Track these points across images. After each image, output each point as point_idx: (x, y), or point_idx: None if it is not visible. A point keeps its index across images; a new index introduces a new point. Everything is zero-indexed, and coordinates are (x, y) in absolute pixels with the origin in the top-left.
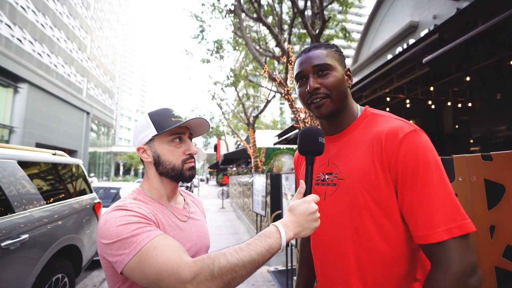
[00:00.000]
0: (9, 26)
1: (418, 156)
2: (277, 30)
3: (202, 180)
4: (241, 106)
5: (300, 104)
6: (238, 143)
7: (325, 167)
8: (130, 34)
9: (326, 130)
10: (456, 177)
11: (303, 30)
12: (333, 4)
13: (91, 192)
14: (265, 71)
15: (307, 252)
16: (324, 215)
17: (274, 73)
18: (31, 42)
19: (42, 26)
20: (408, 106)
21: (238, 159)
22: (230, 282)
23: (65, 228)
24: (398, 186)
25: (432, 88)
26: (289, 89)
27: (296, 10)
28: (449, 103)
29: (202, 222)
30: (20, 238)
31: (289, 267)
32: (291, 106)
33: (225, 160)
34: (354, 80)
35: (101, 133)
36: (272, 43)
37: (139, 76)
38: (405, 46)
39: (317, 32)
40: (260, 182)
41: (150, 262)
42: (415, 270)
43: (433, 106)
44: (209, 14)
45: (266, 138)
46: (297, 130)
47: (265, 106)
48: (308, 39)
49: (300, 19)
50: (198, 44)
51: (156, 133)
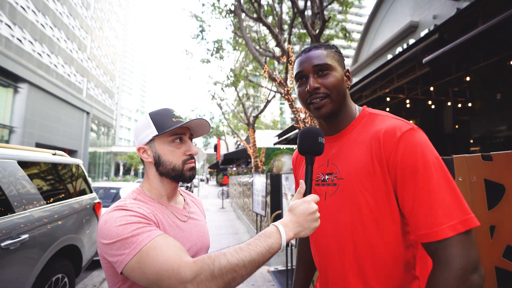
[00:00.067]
0: (9, 26)
1: (416, 154)
2: (277, 30)
3: (202, 180)
4: (241, 106)
5: (300, 104)
6: (238, 143)
7: (324, 167)
8: (130, 34)
9: (325, 131)
10: (456, 177)
11: (303, 30)
12: (333, 4)
13: (91, 192)
14: (265, 71)
15: (305, 252)
16: (324, 215)
17: (274, 73)
18: (31, 42)
19: (42, 26)
20: (408, 106)
21: (238, 159)
22: (231, 282)
23: (65, 228)
24: (398, 185)
25: (432, 88)
26: (289, 89)
27: (296, 10)
28: (449, 103)
29: (202, 222)
30: (20, 238)
31: (289, 267)
32: (291, 106)
33: (225, 160)
34: (354, 80)
35: (101, 133)
36: (272, 43)
37: (139, 76)
38: (405, 46)
39: (317, 32)
40: (260, 182)
41: (150, 262)
42: (414, 268)
43: (433, 106)
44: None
45: (266, 138)
46: (297, 130)
47: (265, 106)
48: (308, 39)
49: (300, 19)
50: (198, 44)
51: (156, 133)
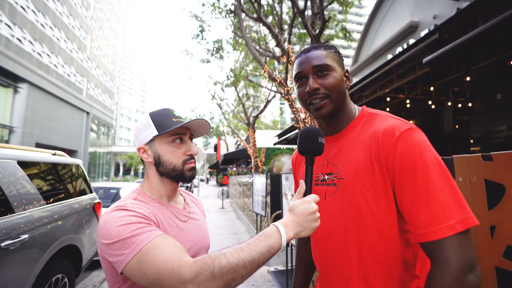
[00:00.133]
0: (9, 26)
1: (415, 154)
2: (277, 30)
3: (202, 180)
4: (241, 106)
5: (299, 104)
6: (238, 143)
7: (324, 167)
8: (130, 34)
9: (325, 131)
10: (456, 177)
11: (303, 30)
12: (333, 4)
13: (91, 192)
14: (265, 71)
15: (305, 252)
16: (324, 215)
17: (274, 73)
18: (31, 42)
19: (42, 26)
20: (408, 106)
21: (238, 159)
22: (231, 282)
23: (65, 228)
24: (396, 184)
25: (432, 88)
26: (289, 89)
27: (296, 10)
28: (449, 103)
29: (202, 222)
30: (20, 238)
31: (289, 267)
32: (291, 106)
33: (225, 160)
34: (354, 80)
35: (101, 133)
36: (272, 43)
37: (139, 76)
38: (405, 46)
39: (317, 32)
40: (260, 182)
41: (150, 262)
42: (415, 267)
43: (433, 106)
44: (209, 14)
45: (266, 138)
46: (297, 130)
47: (265, 106)
48: (308, 39)
49: (300, 19)
50: (198, 44)
51: (157, 133)
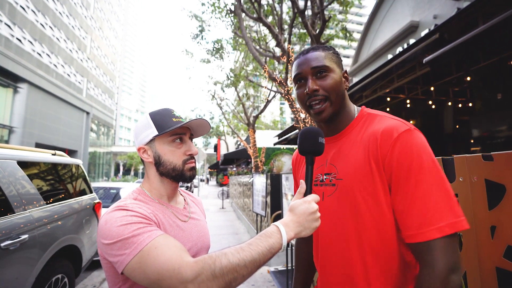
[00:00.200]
0: (9, 26)
1: (412, 155)
2: (277, 30)
3: (202, 180)
4: (241, 106)
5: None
6: (238, 143)
7: (323, 168)
8: (130, 34)
9: (324, 131)
10: (456, 177)
11: (303, 30)
12: (333, 4)
13: (91, 192)
14: (265, 71)
15: (304, 253)
16: (323, 216)
17: (274, 73)
18: (31, 42)
19: (42, 26)
20: (408, 106)
21: (238, 159)
22: (231, 282)
23: (65, 228)
24: (391, 185)
25: (432, 88)
26: (289, 89)
27: (296, 10)
28: (449, 103)
29: (203, 222)
30: (20, 238)
31: (289, 267)
32: (291, 106)
33: (225, 160)
34: (355, 80)
35: (101, 133)
36: (272, 43)
37: (139, 76)
38: (405, 46)
39: (317, 32)
40: (260, 182)
41: (151, 262)
42: (416, 267)
43: (433, 106)
44: (209, 14)
45: (266, 138)
46: (297, 130)
47: (265, 106)
48: (308, 39)
49: (300, 19)
50: (197, 44)
51: (157, 133)
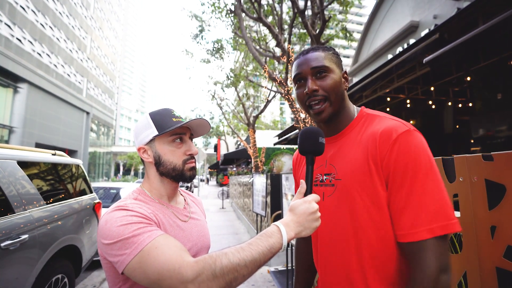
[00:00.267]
0: (9, 26)
1: (410, 157)
2: (277, 30)
3: (202, 180)
4: (241, 106)
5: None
6: (238, 143)
7: (323, 168)
8: (130, 34)
9: (324, 132)
10: (457, 177)
11: (303, 30)
12: (333, 4)
13: (91, 192)
14: (265, 71)
15: (304, 255)
16: (323, 216)
17: (274, 73)
18: (31, 42)
19: (42, 26)
20: (408, 106)
21: (238, 159)
22: (232, 282)
23: (65, 228)
24: (389, 185)
25: (432, 88)
26: (289, 89)
27: (296, 10)
28: (449, 103)
29: (203, 222)
30: (20, 238)
31: (289, 267)
32: (291, 106)
33: (225, 160)
34: (354, 80)
35: (101, 133)
36: (272, 43)
37: (139, 76)
38: (405, 46)
39: (317, 32)
40: (260, 182)
41: (151, 262)
42: None
43: (433, 106)
44: (209, 14)
45: (266, 138)
46: (297, 130)
47: (265, 106)
48: (308, 39)
49: (300, 19)
50: (197, 44)
51: (157, 133)
